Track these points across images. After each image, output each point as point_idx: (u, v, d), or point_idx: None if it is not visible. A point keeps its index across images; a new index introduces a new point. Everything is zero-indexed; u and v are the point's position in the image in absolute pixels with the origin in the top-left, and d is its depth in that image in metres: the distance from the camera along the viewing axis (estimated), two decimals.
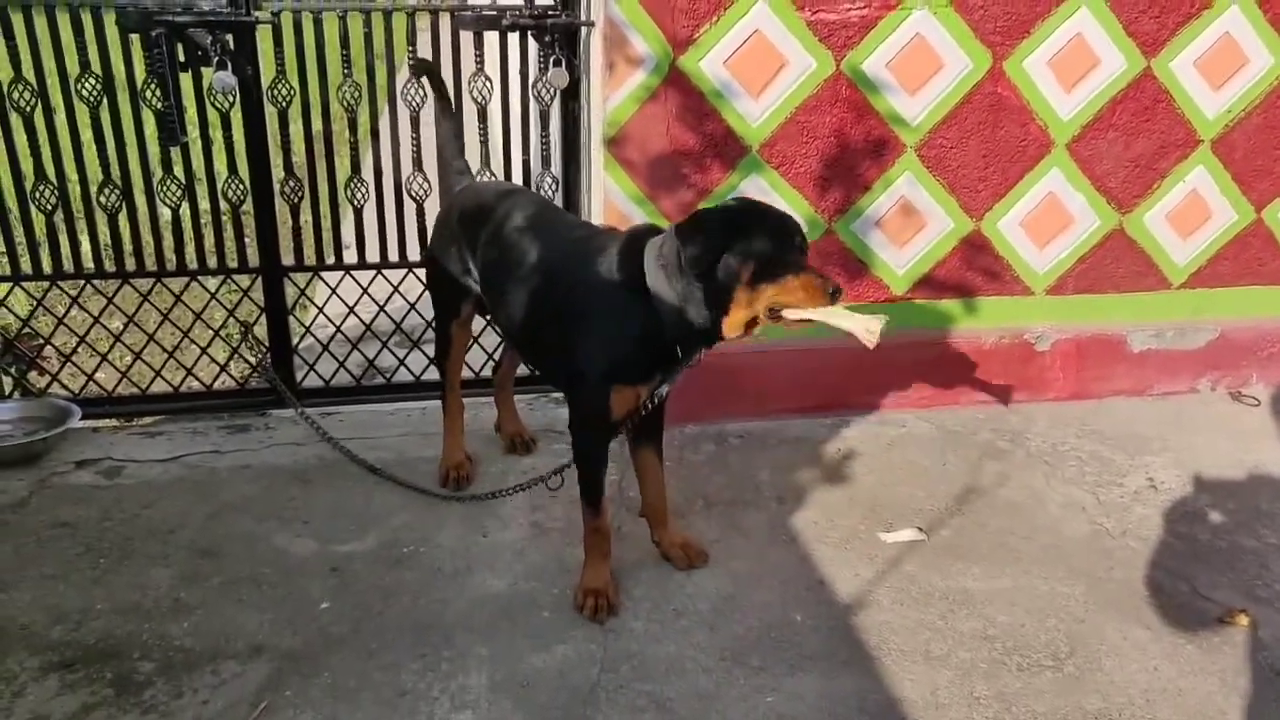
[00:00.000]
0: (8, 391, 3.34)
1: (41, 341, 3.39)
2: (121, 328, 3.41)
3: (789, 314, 2.20)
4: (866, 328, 2.17)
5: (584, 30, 3.22)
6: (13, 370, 3.35)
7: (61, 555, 2.66)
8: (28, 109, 3.04)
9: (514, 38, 3.27)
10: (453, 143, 3.00)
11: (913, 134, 3.32)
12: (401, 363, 3.57)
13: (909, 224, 3.43)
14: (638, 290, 2.29)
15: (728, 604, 2.52)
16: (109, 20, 3.04)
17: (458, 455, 3.08)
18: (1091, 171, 3.47)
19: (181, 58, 3.05)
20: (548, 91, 3.30)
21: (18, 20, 2.94)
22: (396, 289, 3.48)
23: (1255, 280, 3.75)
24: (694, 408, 3.35)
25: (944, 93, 3.28)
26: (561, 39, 3.21)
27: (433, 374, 3.55)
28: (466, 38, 3.24)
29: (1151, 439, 3.42)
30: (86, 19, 2.99)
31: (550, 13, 3.20)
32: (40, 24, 2.99)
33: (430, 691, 2.21)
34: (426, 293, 3.41)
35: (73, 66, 3.04)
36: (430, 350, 3.28)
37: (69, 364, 3.37)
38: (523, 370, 3.57)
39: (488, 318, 2.97)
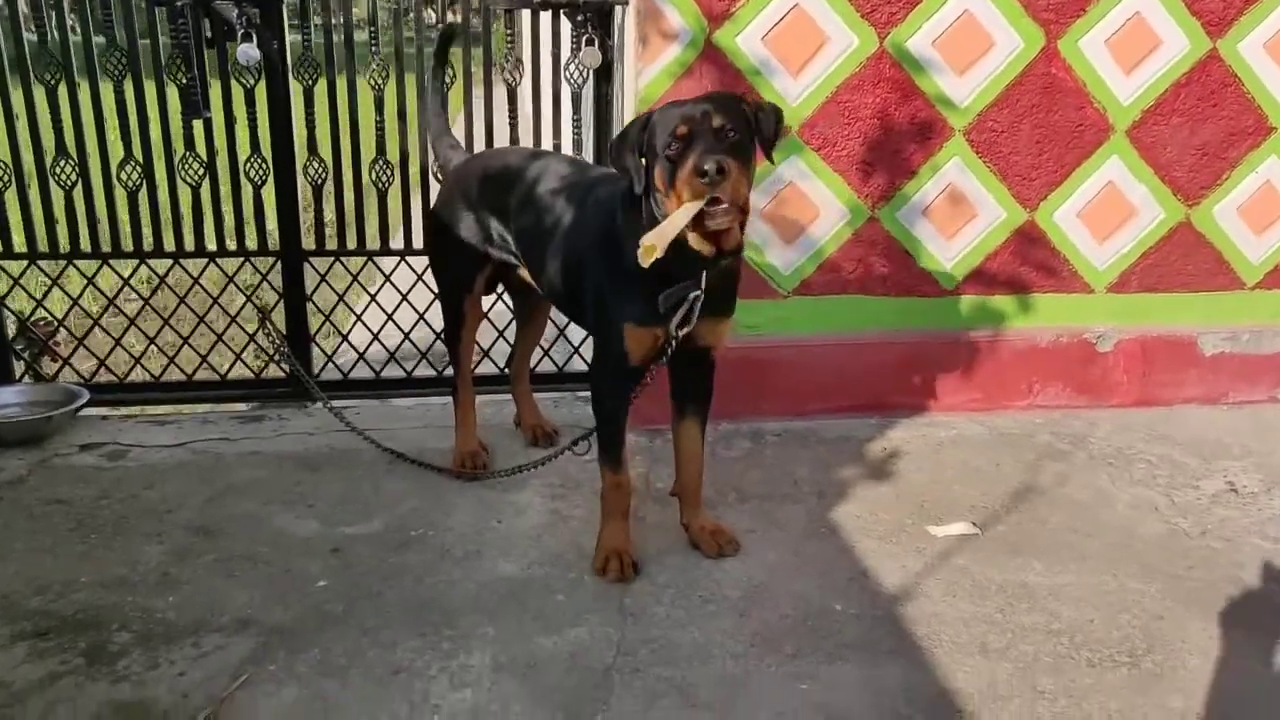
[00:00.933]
0: (18, 376, 3.24)
1: (55, 324, 3.29)
2: (137, 310, 3.30)
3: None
4: (649, 245, 2.01)
5: (618, 10, 3.11)
6: (25, 354, 3.25)
7: (52, 530, 2.52)
8: (51, 82, 2.98)
9: (545, 17, 3.17)
10: (441, 115, 2.92)
11: (961, 117, 3.14)
12: (424, 355, 3.41)
13: (958, 213, 3.23)
14: (636, 227, 2.14)
15: (759, 592, 2.29)
16: None
17: (472, 443, 2.91)
18: (1154, 160, 3.26)
19: (208, 34, 3.00)
20: (580, 73, 3.19)
21: None
22: (420, 277, 3.34)
23: None
24: (729, 404, 3.12)
25: (994, 73, 3.11)
26: (595, 18, 3.11)
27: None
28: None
29: (1229, 445, 3.14)
30: None
31: None
32: None
33: (428, 670, 2.00)
34: None
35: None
36: None
37: (80, 348, 3.26)
38: (546, 366, 3.43)
39: (499, 291, 2.93)
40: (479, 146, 3.18)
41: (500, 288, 2.99)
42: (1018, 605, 2.25)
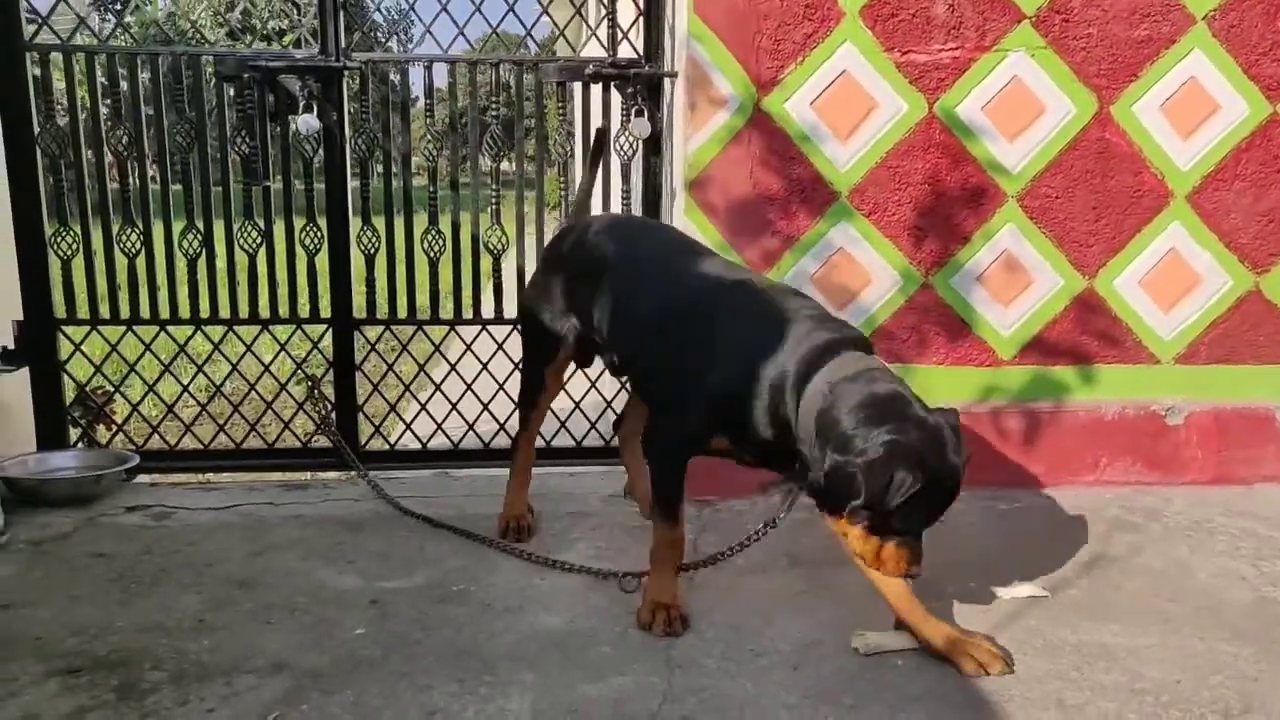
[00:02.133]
0: (72, 441, 3.27)
1: (111, 390, 3.33)
2: (190, 378, 3.33)
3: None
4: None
5: (667, 81, 3.18)
6: (82, 421, 3.28)
7: (92, 580, 2.48)
8: (124, 154, 3.10)
9: (596, 90, 3.25)
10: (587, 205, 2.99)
11: (1014, 182, 3.12)
12: (470, 427, 3.38)
13: (1014, 280, 3.17)
14: (779, 388, 2.06)
15: (814, 648, 2.16)
16: (207, 69, 3.14)
17: (520, 506, 2.84)
18: (1218, 226, 3.19)
19: (271, 106, 3.11)
20: (630, 144, 3.24)
21: (125, 69, 3.05)
22: (469, 347, 3.35)
23: None
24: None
25: (1047, 139, 3.10)
26: (644, 90, 3.18)
27: (501, 440, 3.37)
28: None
29: None
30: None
31: (634, 64, 3.18)
32: (142, 73, 3.09)
33: (464, 713, 1.89)
34: (499, 353, 3.31)
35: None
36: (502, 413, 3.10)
37: (134, 416, 3.29)
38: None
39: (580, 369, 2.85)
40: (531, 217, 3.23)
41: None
42: (1095, 664, 2.09)
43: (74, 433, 3.28)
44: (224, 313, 3.25)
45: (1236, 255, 3.21)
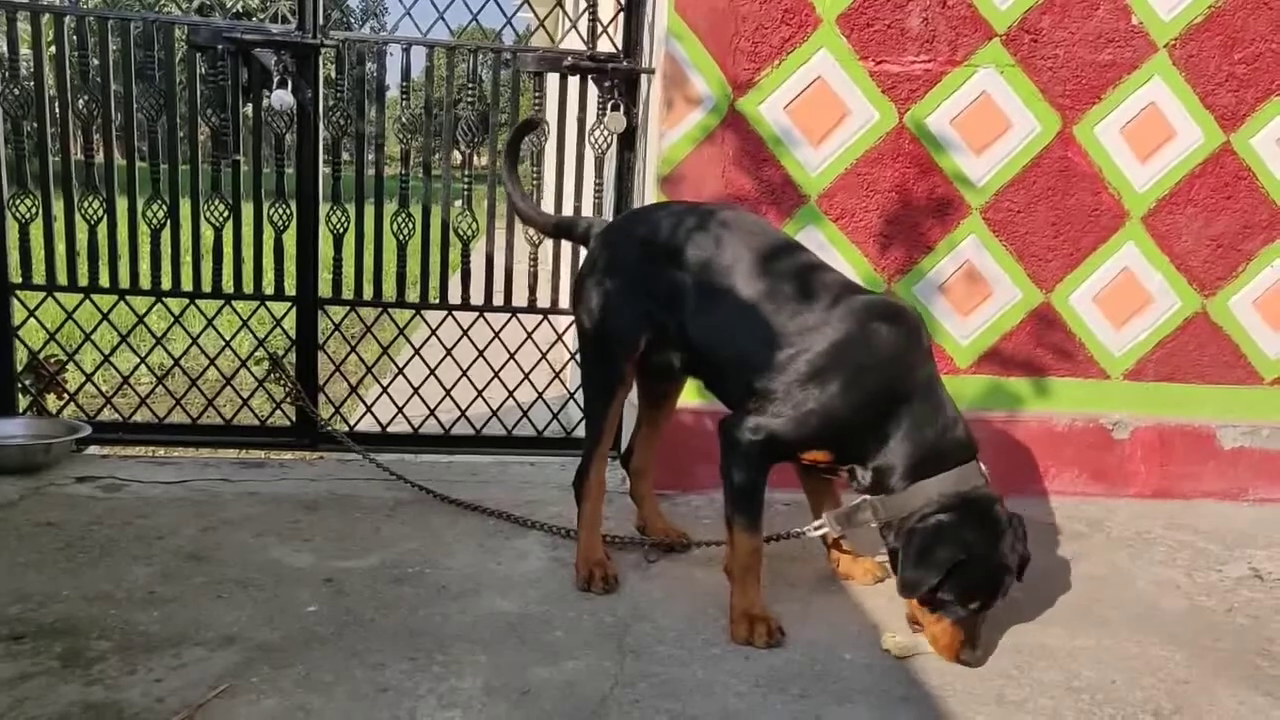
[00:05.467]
0: (21, 409, 3.21)
1: (64, 359, 3.28)
2: (148, 350, 3.29)
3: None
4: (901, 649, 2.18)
5: (645, 78, 3.20)
6: (33, 390, 3.22)
7: (39, 549, 2.45)
8: (90, 120, 3.06)
9: (573, 83, 3.26)
10: (519, 186, 2.75)
11: (978, 195, 3.19)
12: (432, 412, 3.38)
13: (974, 291, 3.24)
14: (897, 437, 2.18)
15: None
16: (177, 37, 3.10)
17: (599, 550, 2.46)
18: (1170, 248, 3.28)
19: (245, 79, 3.09)
20: (604, 138, 3.26)
21: (93, 34, 3.01)
22: (434, 332, 3.34)
23: None
24: None
25: (1011, 154, 3.17)
26: (621, 85, 3.20)
27: (462, 428, 3.38)
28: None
29: (1254, 535, 3.05)
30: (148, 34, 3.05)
31: (612, 58, 3.20)
32: (111, 39, 3.05)
33: (416, 689, 1.90)
34: (464, 339, 3.31)
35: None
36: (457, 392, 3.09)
37: (87, 386, 3.25)
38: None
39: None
40: (501, 210, 3.23)
41: None
42: (1036, 663, 2.15)
43: (24, 401, 3.22)
44: (186, 285, 3.21)
45: (1186, 277, 3.30)
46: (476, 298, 3.33)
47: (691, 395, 3.02)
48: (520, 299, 3.35)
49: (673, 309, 2.34)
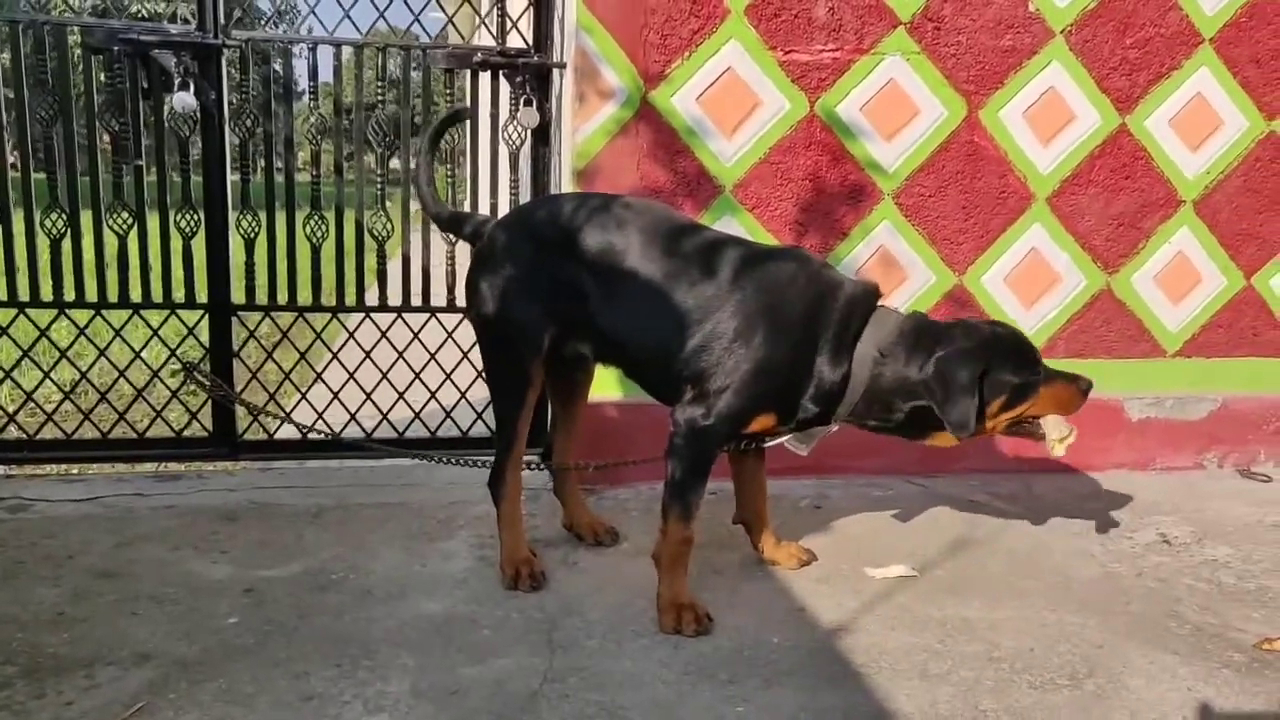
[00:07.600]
0: None
1: None
2: (53, 363, 3.18)
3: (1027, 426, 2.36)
4: (1062, 437, 2.32)
5: (556, 72, 3.19)
6: None
7: None
8: None
9: (485, 79, 3.24)
10: (432, 185, 2.67)
11: (890, 181, 3.24)
12: (353, 416, 3.32)
13: (890, 275, 3.30)
14: (838, 349, 2.23)
15: None
16: (72, 40, 3.00)
17: (524, 549, 2.44)
18: (1074, 228, 3.38)
19: (144, 83, 3.00)
20: (518, 133, 3.24)
21: None
22: (352, 335, 3.29)
23: (1252, 351, 3.59)
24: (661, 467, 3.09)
25: (920, 140, 3.23)
26: (533, 80, 3.18)
27: (384, 431, 3.33)
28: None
29: (1160, 503, 3.16)
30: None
31: (523, 53, 3.18)
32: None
33: (342, 696, 1.87)
34: (383, 341, 3.26)
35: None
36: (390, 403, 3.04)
37: None
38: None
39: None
40: (414, 207, 3.19)
41: None
42: (958, 636, 2.20)
43: None
44: (91, 296, 3.11)
45: (1091, 256, 3.41)
46: (394, 299, 3.28)
47: (612, 388, 3.03)
48: (439, 299, 3.31)
49: (577, 301, 2.32)
